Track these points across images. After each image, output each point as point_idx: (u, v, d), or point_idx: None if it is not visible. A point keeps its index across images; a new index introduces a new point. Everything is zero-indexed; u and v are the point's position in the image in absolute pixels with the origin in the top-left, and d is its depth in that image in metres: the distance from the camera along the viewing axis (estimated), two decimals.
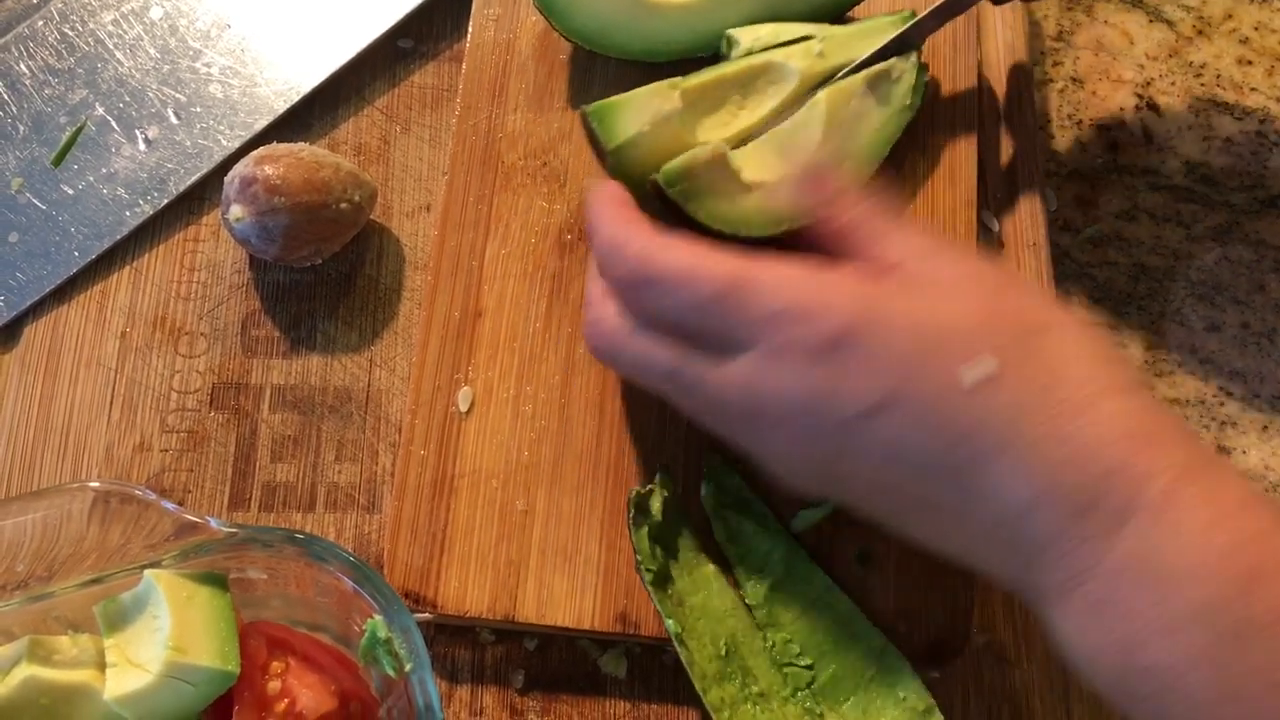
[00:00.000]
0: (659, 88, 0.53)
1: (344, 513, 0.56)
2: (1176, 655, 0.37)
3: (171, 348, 0.59)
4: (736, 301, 0.43)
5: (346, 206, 0.57)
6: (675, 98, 0.53)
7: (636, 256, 0.45)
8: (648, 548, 0.51)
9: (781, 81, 0.56)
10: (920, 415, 0.41)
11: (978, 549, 0.43)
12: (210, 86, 0.62)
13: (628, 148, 0.52)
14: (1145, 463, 0.39)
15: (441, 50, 0.66)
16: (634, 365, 0.47)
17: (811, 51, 0.56)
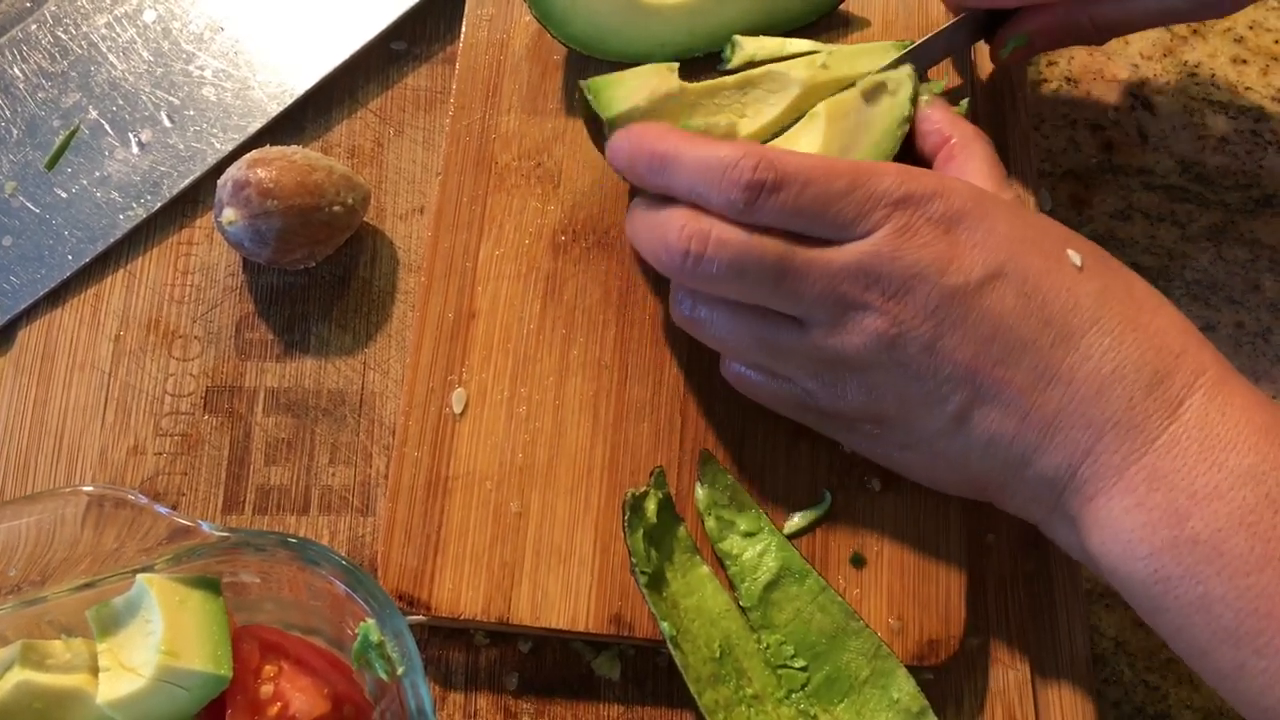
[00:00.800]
0: (658, 68, 0.54)
1: (338, 515, 0.56)
2: (1221, 519, 0.42)
3: (165, 351, 0.59)
4: (867, 192, 0.46)
5: (339, 209, 0.57)
6: (673, 79, 0.54)
7: (760, 165, 0.46)
8: (642, 550, 0.51)
9: (783, 91, 0.56)
10: (1026, 288, 0.46)
11: (1038, 443, 0.46)
12: (203, 89, 0.62)
13: (625, 120, 0.52)
14: (1201, 354, 0.46)
15: (435, 52, 0.66)
16: (734, 267, 0.47)
17: (815, 64, 0.57)
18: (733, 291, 0.49)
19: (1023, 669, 0.55)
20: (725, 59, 0.59)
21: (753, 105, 0.57)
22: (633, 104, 0.52)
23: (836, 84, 0.57)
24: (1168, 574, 0.43)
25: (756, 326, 0.49)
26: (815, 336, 0.48)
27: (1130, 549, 0.44)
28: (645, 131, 0.50)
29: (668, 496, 0.53)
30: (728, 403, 0.55)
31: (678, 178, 0.48)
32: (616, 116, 0.52)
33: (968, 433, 0.48)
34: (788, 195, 0.46)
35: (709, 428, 0.55)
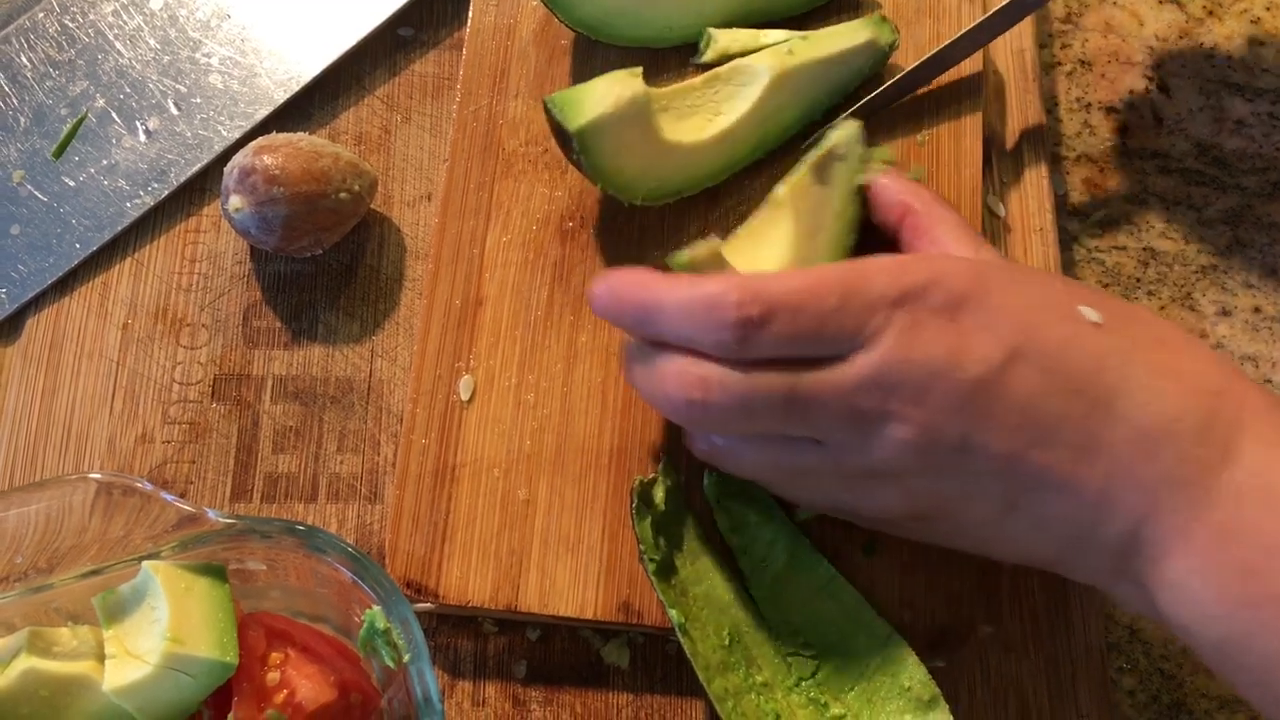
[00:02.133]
0: (620, 74, 0.53)
1: (346, 503, 0.56)
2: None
3: (173, 339, 0.58)
4: (862, 300, 0.43)
5: (346, 196, 0.57)
6: (638, 84, 0.53)
7: (744, 299, 0.43)
8: (651, 538, 0.51)
9: (754, 82, 0.56)
10: (1047, 362, 0.43)
11: (1094, 517, 0.43)
12: (210, 77, 0.62)
13: (592, 131, 0.51)
14: (1241, 387, 0.43)
15: (442, 38, 0.65)
16: (742, 408, 0.45)
17: (782, 52, 0.56)
18: (746, 429, 0.47)
19: (1036, 658, 0.54)
20: (700, 52, 0.59)
21: (726, 101, 0.57)
22: (599, 112, 0.51)
23: (804, 69, 0.56)
24: (1245, 631, 0.40)
25: (778, 454, 0.47)
26: (840, 455, 0.46)
27: (1203, 609, 0.41)
28: (623, 282, 0.47)
29: (676, 484, 0.53)
30: None
31: (665, 326, 0.46)
32: (583, 127, 0.51)
33: (1016, 519, 0.45)
34: (780, 325, 0.43)
35: None
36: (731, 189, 0.59)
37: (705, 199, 0.58)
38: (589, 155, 0.52)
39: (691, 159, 0.56)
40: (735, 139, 0.57)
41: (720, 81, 0.57)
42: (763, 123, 0.58)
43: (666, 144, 0.54)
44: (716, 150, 0.57)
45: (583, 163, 0.52)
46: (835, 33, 0.59)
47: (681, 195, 0.57)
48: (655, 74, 0.61)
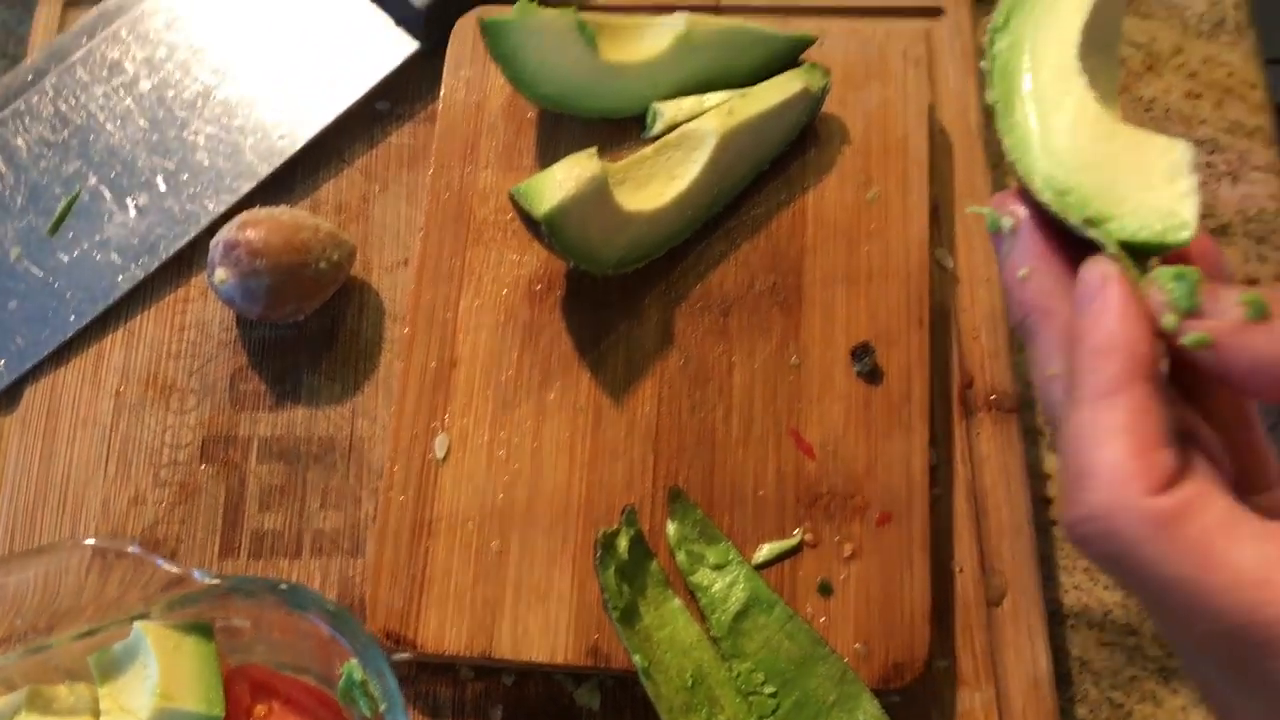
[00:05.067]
0: (578, 156, 0.56)
1: (329, 558, 0.59)
2: None
3: (163, 404, 0.62)
4: None
5: (326, 265, 0.60)
6: (594, 163, 0.56)
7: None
8: (614, 585, 0.54)
9: (701, 146, 0.59)
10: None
11: None
12: (197, 154, 0.65)
13: (558, 215, 0.55)
14: None
15: (417, 111, 0.69)
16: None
17: (723, 112, 0.60)
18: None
19: (988, 690, 0.57)
20: (648, 127, 0.62)
21: (678, 166, 0.60)
22: (561, 197, 0.54)
23: (746, 125, 0.60)
24: None
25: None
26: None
27: None
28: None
29: (639, 533, 0.56)
30: (697, 442, 0.58)
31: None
32: (549, 212, 0.54)
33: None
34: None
35: (679, 465, 0.58)
36: (691, 245, 0.62)
37: (666, 257, 0.62)
38: (557, 237, 0.55)
39: (652, 225, 0.59)
40: (690, 200, 0.61)
41: (671, 148, 0.61)
42: (714, 181, 0.61)
43: (627, 215, 0.58)
44: (674, 213, 0.60)
45: (553, 245, 0.56)
46: (771, 86, 0.63)
47: (648, 259, 0.60)
48: (618, 141, 0.64)
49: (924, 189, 0.63)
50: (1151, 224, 0.34)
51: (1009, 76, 0.38)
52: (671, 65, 0.63)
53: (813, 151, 0.64)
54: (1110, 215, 0.34)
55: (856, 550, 0.56)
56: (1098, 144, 0.36)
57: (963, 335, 0.63)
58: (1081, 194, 0.35)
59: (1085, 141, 0.36)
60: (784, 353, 0.60)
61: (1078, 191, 0.35)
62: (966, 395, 0.62)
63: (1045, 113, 0.37)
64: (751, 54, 0.64)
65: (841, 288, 0.61)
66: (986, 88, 0.38)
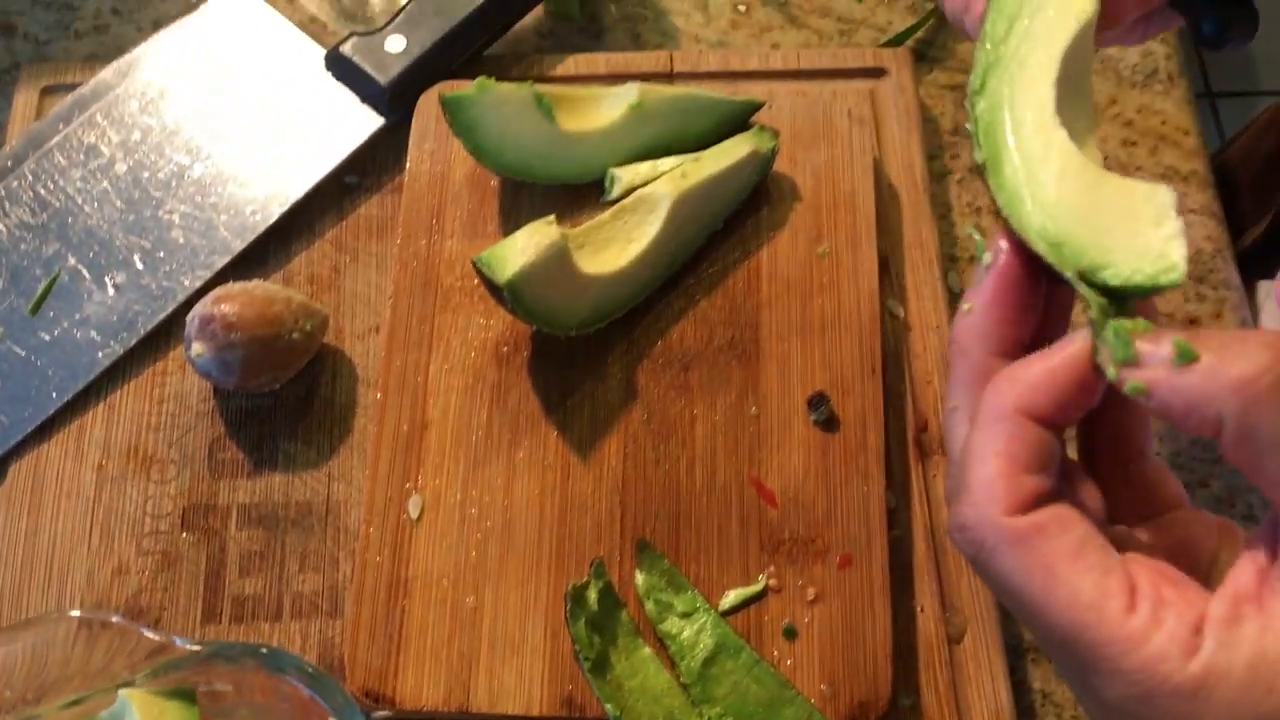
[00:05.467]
0: (537, 225, 0.59)
1: (309, 620, 0.60)
2: None
3: (144, 475, 0.63)
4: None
5: (299, 336, 0.62)
6: (554, 230, 0.58)
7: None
8: (585, 637, 0.56)
9: (657, 209, 0.62)
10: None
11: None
12: (172, 232, 0.68)
13: (520, 281, 0.57)
14: None
15: (384, 183, 0.71)
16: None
17: (677, 175, 0.63)
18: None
19: None
20: (606, 191, 0.65)
21: (635, 229, 0.63)
22: (524, 262, 0.57)
23: (700, 187, 0.63)
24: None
25: None
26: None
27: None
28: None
29: (608, 585, 0.58)
30: (663, 493, 0.60)
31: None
32: (511, 279, 0.57)
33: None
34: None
35: (646, 517, 0.60)
36: (649, 305, 0.64)
37: (627, 316, 0.64)
38: (520, 303, 0.57)
39: (612, 287, 0.62)
40: (648, 262, 0.63)
41: (628, 212, 0.63)
42: (670, 242, 0.64)
43: (588, 278, 0.60)
44: (633, 275, 0.63)
45: (516, 310, 0.58)
46: (722, 149, 0.65)
47: (609, 319, 0.63)
48: (577, 206, 0.67)
49: (873, 242, 0.66)
50: (1144, 268, 0.35)
51: (993, 136, 0.40)
52: (626, 133, 0.66)
53: (765, 210, 0.67)
54: (1104, 264, 0.35)
55: (819, 594, 0.58)
56: (1085, 194, 0.37)
57: (916, 381, 0.65)
58: (1075, 245, 0.36)
59: (1073, 193, 0.37)
60: (743, 404, 0.62)
61: (1072, 243, 0.36)
62: (921, 439, 0.64)
63: (1032, 169, 0.38)
64: (702, 119, 0.67)
65: (797, 340, 0.64)
66: (974, 149, 0.40)
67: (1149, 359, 0.32)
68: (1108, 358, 0.34)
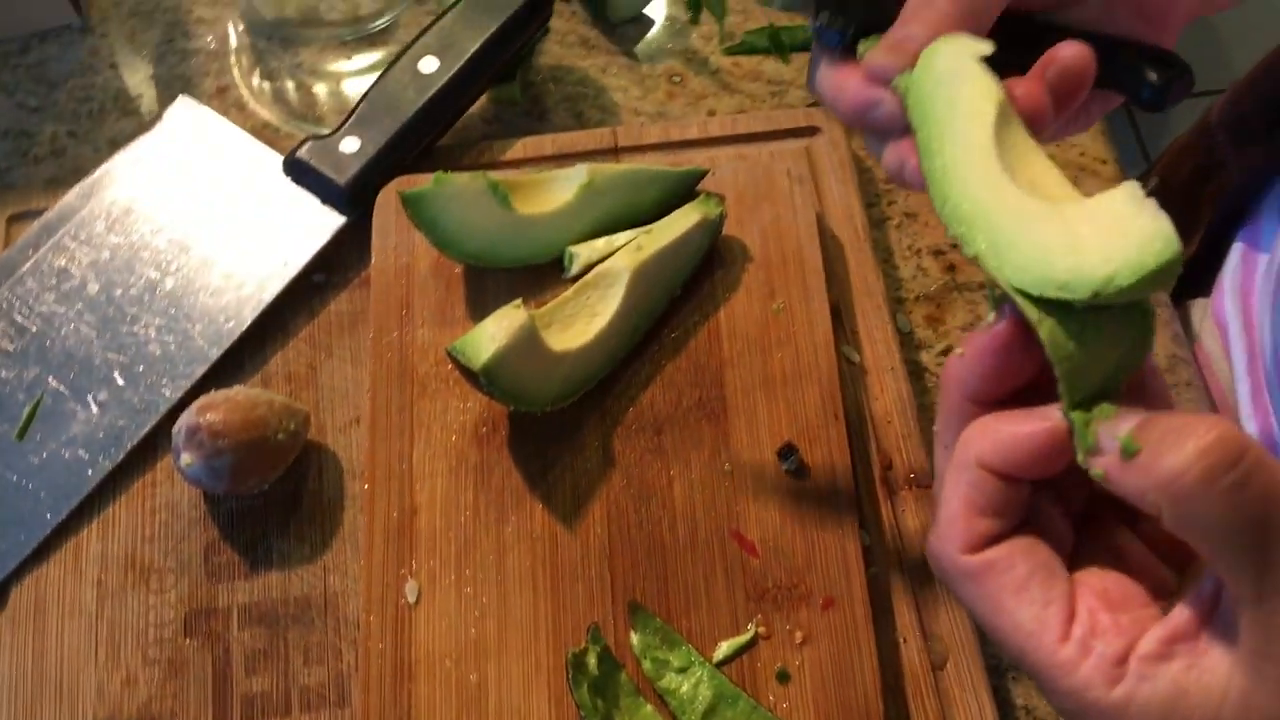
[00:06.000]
0: (505, 310, 0.61)
1: (317, 712, 0.62)
2: None
3: (144, 586, 0.65)
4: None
5: (284, 436, 0.64)
6: (522, 313, 0.61)
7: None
8: (589, 701, 0.58)
9: (617, 283, 0.65)
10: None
11: None
12: (149, 346, 0.70)
13: (494, 365, 0.60)
14: None
15: (351, 279, 0.74)
16: None
17: (633, 249, 0.66)
18: None
19: None
20: (565, 269, 0.68)
21: (598, 303, 0.66)
22: (496, 347, 0.60)
23: (655, 258, 0.67)
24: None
25: None
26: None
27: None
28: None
29: (605, 648, 0.60)
30: (648, 554, 0.63)
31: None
32: (486, 364, 0.59)
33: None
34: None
35: (635, 578, 0.62)
36: (618, 374, 0.67)
37: (598, 387, 0.67)
38: (496, 386, 0.60)
39: (581, 360, 0.65)
40: (613, 333, 0.66)
41: (589, 288, 0.66)
42: (632, 313, 0.67)
43: (557, 355, 0.63)
44: (600, 347, 0.66)
45: (492, 393, 0.61)
46: (673, 220, 0.69)
47: (582, 392, 0.66)
48: (540, 286, 0.70)
49: (823, 294, 0.69)
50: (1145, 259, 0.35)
51: (957, 206, 0.40)
52: (580, 211, 0.69)
53: (719, 272, 0.70)
54: (1112, 275, 0.35)
55: (807, 636, 0.61)
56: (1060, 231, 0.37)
57: (877, 421, 0.69)
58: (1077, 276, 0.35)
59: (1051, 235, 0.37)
60: (716, 461, 0.65)
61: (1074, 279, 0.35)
62: (888, 476, 0.67)
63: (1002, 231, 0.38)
64: (651, 192, 0.71)
65: (761, 394, 0.67)
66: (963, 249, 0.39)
67: (1105, 448, 0.34)
68: (1077, 441, 0.36)
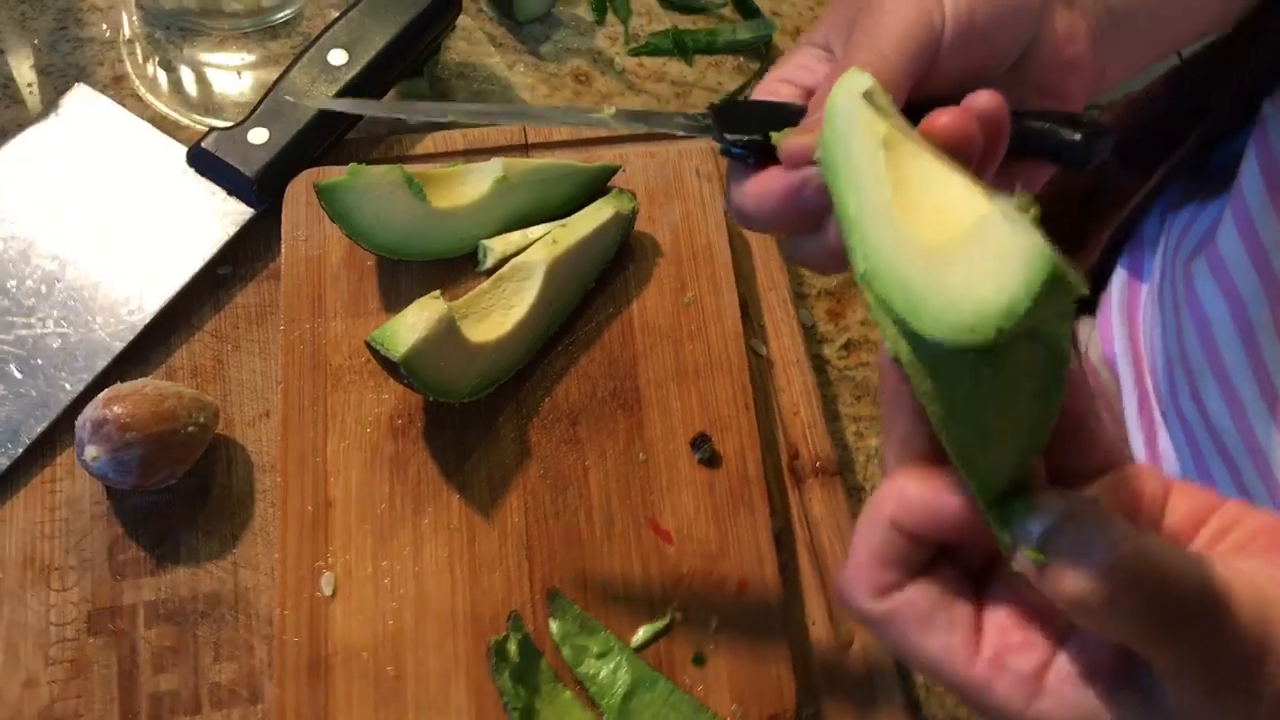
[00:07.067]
0: (425, 301, 0.62)
1: (229, 709, 0.61)
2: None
3: (44, 584, 0.63)
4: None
5: (194, 429, 0.63)
6: (441, 304, 0.62)
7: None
8: (511, 688, 0.58)
9: (532, 275, 0.66)
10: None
11: None
12: (47, 339, 0.67)
13: (414, 355, 0.60)
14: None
15: (259, 271, 0.73)
16: None
17: (548, 242, 0.67)
18: None
19: None
20: (480, 263, 0.69)
21: (514, 295, 0.66)
22: (416, 337, 0.60)
23: (569, 251, 0.68)
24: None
25: None
26: None
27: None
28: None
29: (526, 636, 0.61)
30: (566, 543, 0.63)
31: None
32: (405, 355, 0.59)
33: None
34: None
35: (553, 567, 0.63)
36: (534, 366, 0.68)
37: (514, 379, 0.67)
38: (416, 376, 0.60)
39: (498, 352, 0.65)
40: (529, 326, 0.67)
41: (505, 280, 0.67)
42: (547, 306, 0.67)
43: (475, 346, 0.63)
44: (516, 339, 0.66)
45: (412, 383, 0.61)
46: (586, 215, 0.70)
47: (498, 383, 0.66)
48: (454, 279, 0.70)
49: (732, 288, 0.71)
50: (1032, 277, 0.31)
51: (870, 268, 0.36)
52: (494, 205, 0.70)
53: (631, 267, 0.72)
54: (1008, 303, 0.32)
55: (721, 621, 0.62)
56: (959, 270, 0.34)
57: (784, 413, 0.71)
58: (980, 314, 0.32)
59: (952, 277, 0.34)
60: (631, 451, 0.66)
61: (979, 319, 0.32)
62: (795, 466, 0.69)
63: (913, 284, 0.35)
64: (564, 187, 0.72)
65: (674, 385, 0.68)
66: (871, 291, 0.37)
67: (1019, 551, 0.36)
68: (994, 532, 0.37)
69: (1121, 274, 0.80)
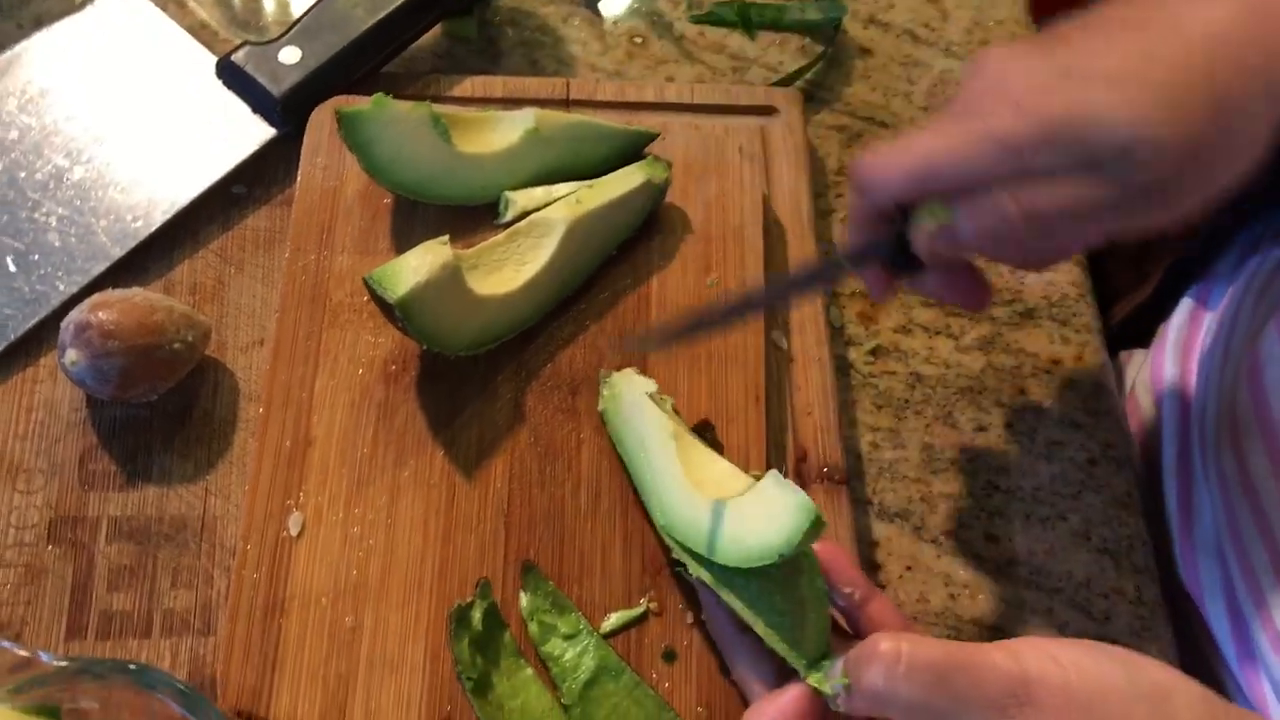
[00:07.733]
0: (431, 244, 0.59)
1: (180, 637, 0.59)
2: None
3: (9, 484, 0.61)
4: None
5: (180, 346, 0.61)
6: (447, 250, 0.59)
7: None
8: (468, 657, 0.55)
9: (550, 234, 0.63)
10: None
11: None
12: (48, 235, 0.65)
13: (411, 299, 0.57)
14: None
15: (273, 195, 0.70)
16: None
17: (571, 202, 0.64)
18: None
19: None
20: (500, 214, 0.65)
21: (528, 252, 0.63)
22: (415, 282, 0.57)
23: (593, 214, 0.64)
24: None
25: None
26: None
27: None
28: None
29: (492, 605, 0.58)
30: (547, 515, 0.60)
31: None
32: (403, 297, 0.57)
33: None
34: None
35: (531, 539, 0.60)
36: (540, 328, 0.65)
37: (518, 338, 0.64)
38: (411, 321, 0.57)
39: (503, 309, 0.62)
40: (540, 285, 0.64)
41: (521, 235, 0.64)
42: (563, 267, 0.64)
43: (479, 299, 0.61)
44: (525, 298, 0.63)
45: (407, 329, 0.58)
46: (616, 178, 0.67)
47: (500, 341, 0.63)
48: (471, 228, 0.67)
49: (759, 275, 0.68)
50: (800, 523, 0.48)
51: (670, 524, 0.56)
52: (522, 157, 0.67)
53: (656, 239, 0.68)
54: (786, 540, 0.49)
55: (698, 617, 0.59)
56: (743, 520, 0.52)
57: (797, 412, 0.67)
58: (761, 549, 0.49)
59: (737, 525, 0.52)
60: None
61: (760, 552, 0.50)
62: (801, 468, 0.66)
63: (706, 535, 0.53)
64: (598, 147, 0.68)
65: (683, 368, 0.65)
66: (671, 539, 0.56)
67: (836, 691, 0.47)
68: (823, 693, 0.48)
69: (1188, 304, 0.76)
